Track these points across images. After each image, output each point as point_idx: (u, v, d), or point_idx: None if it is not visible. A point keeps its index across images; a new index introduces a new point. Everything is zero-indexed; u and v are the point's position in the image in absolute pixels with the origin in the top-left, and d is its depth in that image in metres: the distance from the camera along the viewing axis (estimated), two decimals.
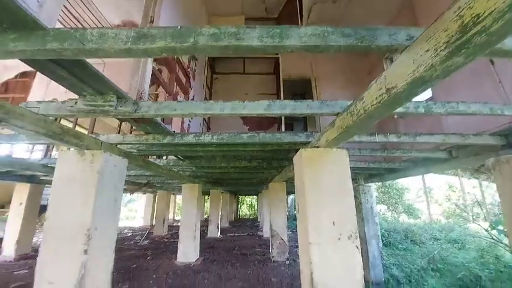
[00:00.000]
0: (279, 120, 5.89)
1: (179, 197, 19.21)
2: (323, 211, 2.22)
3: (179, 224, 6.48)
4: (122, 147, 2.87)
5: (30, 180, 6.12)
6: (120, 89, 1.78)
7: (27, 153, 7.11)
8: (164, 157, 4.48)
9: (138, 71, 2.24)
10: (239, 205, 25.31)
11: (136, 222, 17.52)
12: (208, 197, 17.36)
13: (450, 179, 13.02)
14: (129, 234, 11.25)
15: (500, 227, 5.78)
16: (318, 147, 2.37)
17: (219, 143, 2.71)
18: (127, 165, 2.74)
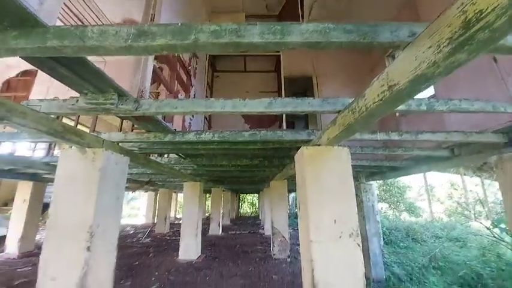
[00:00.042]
0: (280, 118, 5.88)
1: (181, 195, 19.27)
2: (324, 209, 2.22)
3: (181, 222, 6.51)
4: (124, 145, 2.88)
5: (32, 178, 6.15)
6: (121, 87, 1.78)
7: (29, 151, 7.17)
8: (165, 155, 4.49)
9: (139, 69, 2.24)
10: (240, 203, 25.39)
11: (138, 220, 17.62)
12: (209, 195, 17.42)
13: (452, 177, 12.97)
14: (131, 231, 11.32)
15: (502, 225, 5.75)
16: (320, 145, 2.36)
17: (220, 141, 2.71)
18: (128, 163, 2.75)
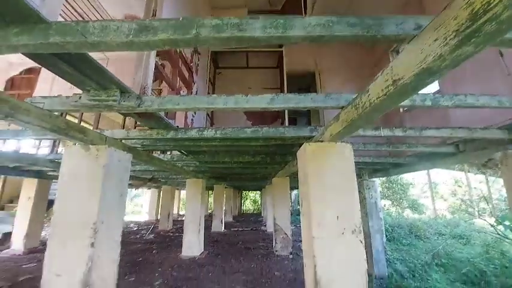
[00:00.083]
0: (283, 115, 5.86)
1: (183, 192, 19.39)
2: (327, 205, 2.22)
3: (183, 219, 6.55)
4: (126, 142, 2.89)
5: (37, 175, 6.22)
6: (123, 84, 1.78)
7: (34, 149, 7.23)
8: (168, 152, 4.50)
9: (141, 66, 2.24)
10: (243, 200, 25.48)
11: (141, 216, 17.77)
12: (212, 192, 17.50)
13: (456, 174, 12.86)
14: (135, 228, 11.43)
15: (506, 222, 5.71)
16: (322, 141, 2.35)
17: (223, 138, 2.71)
18: (131, 160, 2.76)
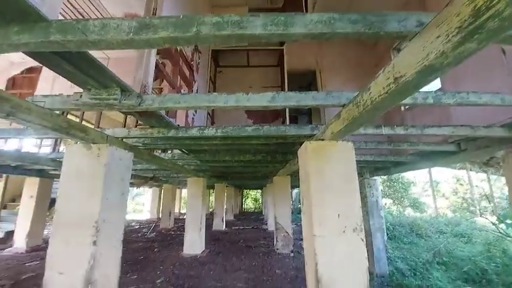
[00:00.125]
0: (284, 113, 5.85)
1: (184, 191, 19.45)
2: (328, 204, 2.21)
3: (185, 217, 6.57)
4: (128, 141, 2.90)
5: (39, 174, 6.25)
6: (124, 82, 1.78)
7: (35, 148, 7.26)
8: (169, 151, 4.51)
9: (142, 64, 2.24)
10: (244, 199, 25.51)
11: (143, 215, 17.85)
12: (213, 191, 17.52)
13: (457, 173, 12.80)
14: (137, 226, 11.48)
15: (508, 221, 5.71)
16: (323, 139, 2.34)
17: (223, 137, 2.71)
18: (133, 159, 2.76)
